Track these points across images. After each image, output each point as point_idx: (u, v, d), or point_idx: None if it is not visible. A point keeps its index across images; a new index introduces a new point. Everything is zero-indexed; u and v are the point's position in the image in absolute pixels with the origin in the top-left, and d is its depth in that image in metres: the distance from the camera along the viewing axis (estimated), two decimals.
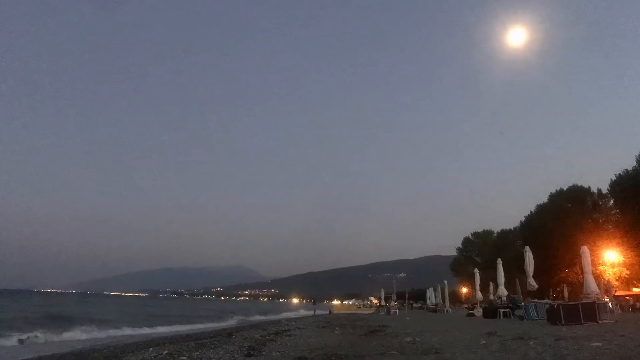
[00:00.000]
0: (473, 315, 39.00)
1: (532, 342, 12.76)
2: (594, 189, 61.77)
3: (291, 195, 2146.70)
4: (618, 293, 43.28)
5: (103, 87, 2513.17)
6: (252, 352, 13.67)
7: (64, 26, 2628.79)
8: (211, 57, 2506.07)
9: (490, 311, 32.95)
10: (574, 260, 49.76)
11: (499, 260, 38.76)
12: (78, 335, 29.24)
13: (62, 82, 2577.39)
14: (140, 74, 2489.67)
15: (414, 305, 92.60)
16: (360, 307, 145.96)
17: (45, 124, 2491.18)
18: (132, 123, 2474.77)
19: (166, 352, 14.93)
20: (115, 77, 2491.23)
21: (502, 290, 37.66)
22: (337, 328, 24.94)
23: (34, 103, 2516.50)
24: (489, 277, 52.51)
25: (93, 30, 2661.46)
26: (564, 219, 58.57)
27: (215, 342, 18.06)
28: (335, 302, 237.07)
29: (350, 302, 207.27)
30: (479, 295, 48.25)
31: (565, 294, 48.37)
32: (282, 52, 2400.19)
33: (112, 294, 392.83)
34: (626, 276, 51.43)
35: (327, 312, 75.17)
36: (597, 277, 40.71)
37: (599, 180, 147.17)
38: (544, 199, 68.70)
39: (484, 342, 13.67)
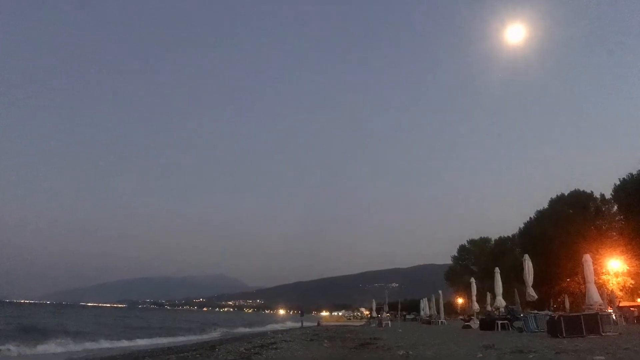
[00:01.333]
0: (469, 327, 39.05)
1: (531, 356, 12.78)
2: (597, 194, 62.27)
3: (278, 201, 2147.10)
4: (622, 304, 43.46)
5: (80, 87, 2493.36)
6: None
7: (39, 22, 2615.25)
8: (195, 56, 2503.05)
9: (488, 323, 32.98)
10: (576, 269, 50.01)
11: (497, 269, 38.78)
12: (53, 349, 29.04)
13: (35, 81, 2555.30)
14: (119, 72, 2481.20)
15: (407, 316, 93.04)
16: (350, 319, 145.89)
17: (18, 125, 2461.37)
18: (111, 124, 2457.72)
19: None
20: (92, 76, 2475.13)
21: (500, 301, 37.66)
22: (325, 341, 24.85)
23: (5, 102, 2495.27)
24: (486, 287, 52.65)
25: (70, 26, 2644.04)
26: (565, 226, 58.85)
27: (198, 355, 17.97)
28: (324, 313, 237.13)
29: (340, 314, 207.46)
30: (476, 306, 48.35)
31: (567, 304, 48.65)
32: (269, 51, 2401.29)
33: (89, 304, 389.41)
34: (631, 286, 51.68)
35: (316, 324, 74.99)
36: (600, 287, 40.99)
37: (601, 184, 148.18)
38: (544, 204, 69.19)
39: (481, 355, 13.67)
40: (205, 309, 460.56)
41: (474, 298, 48.04)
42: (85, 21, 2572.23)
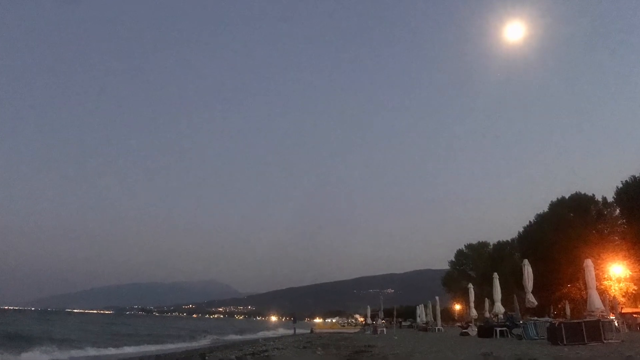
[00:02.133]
0: (467, 334, 39.03)
1: None
2: (599, 197, 62.29)
3: (269, 204, 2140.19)
4: (624, 310, 43.59)
5: (64, 87, 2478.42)
6: None
7: (21, 20, 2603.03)
8: (182, 54, 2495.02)
9: (486, 330, 32.96)
10: (577, 274, 50.12)
11: (495, 275, 38.84)
12: (38, 356, 28.92)
13: (18, 81, 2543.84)
14: (105, 72, 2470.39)
15: (403, 323, 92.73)
16: (344, 326, 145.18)
17: (0, 126, 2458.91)
18: (97, 126, 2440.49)
19: None
20: (77, 75, 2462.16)
21: (499, 307, 37.71)
22: (319, 348, 24.79)
23: None
24: (484, 292, 52.72)
25: (54, 24, 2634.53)
26: (565, 230, 58.88)
27: None
28: (318, 320, 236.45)
29: (334, 320, 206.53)
30: (474, 312, 48.30)
31: (567, 311, 48.70)
32: (259, 49, 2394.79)
33: (75, 311, 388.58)
34: (633, 292, 51.70)
35: (309, 331, 74.85)
36: (602, 293, 41.07)
37: (603, 187, 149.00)
38: (544, 208, 69.24)
39: None
40: (194, 315, 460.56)
41: (472, 304, 48.00)
42: (70, 19, 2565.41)
